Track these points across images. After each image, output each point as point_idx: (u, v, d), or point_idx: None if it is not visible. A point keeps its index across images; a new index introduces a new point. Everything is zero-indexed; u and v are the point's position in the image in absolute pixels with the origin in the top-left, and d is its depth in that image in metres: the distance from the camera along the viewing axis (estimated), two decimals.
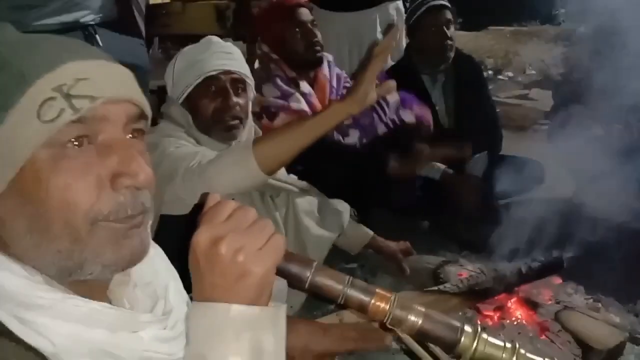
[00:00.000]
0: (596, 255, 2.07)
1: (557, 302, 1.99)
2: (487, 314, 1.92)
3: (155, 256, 0.85)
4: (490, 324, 1.87)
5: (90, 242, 0.71)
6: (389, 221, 2.59)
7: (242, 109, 1.87)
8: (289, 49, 2.52)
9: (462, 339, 0.75)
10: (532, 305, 1.96)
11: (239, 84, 1.87)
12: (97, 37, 2.07)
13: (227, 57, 1.86)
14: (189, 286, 0.84)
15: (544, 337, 1.83)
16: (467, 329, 0.76)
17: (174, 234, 1.06)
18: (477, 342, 0.75)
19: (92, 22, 2.08)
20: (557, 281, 2.12)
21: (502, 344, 0.76)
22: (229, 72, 1.85)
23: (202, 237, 0.70)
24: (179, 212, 1.54)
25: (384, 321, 0.76)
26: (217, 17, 4.24)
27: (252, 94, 1.97)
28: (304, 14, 2.56)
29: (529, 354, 0.76)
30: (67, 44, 0.75)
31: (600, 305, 2.01)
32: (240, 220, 0.71)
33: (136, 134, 0.76)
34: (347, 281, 0.75)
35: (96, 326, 0.70)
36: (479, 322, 1.86)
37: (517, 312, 1.93)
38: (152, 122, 2.06)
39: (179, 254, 0.87)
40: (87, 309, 0.70)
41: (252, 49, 3.92)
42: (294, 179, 2.08)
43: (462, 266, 2.18)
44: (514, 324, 1.87)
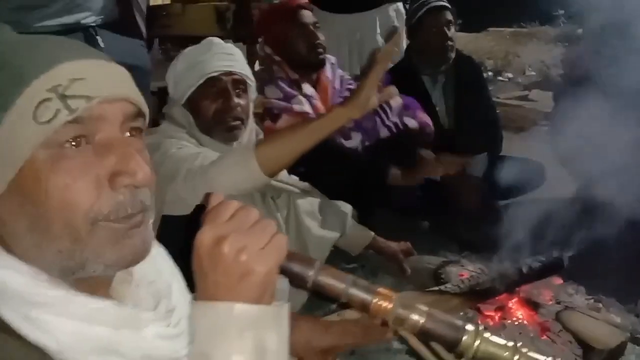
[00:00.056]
0: (597, 255, 2.07)
1: (558, 303, 1.99)
2: (488, 314, 1.91)
3: (158, 255, 0.85)
4: (491, 324, 1.87)
5: (90, 243, 0.71)
6: (389, 222, 2.58)
7: (244, 109, 1.88)
8: (291, 50, 2.52)
9: (464, 338, 0.75)
10: (533, 305, 1.95)
11: (240, 85, 1.88)
12: (98, 38, 2.08)
13: (229, 58, 1.87)
14: (191, 286, 0.84)
15: (545, 337, 1.82)
16: (469, 327, 0.76)
17: (176, 234, 1.06)
18: (479, 341, 0.75)
19: (93, 24, 2.08)
20: (557, 281, 2.12)
21: (504, 342, 0.76)
22: (231, 73, 1.86)
23: (205, 236, 0.70)
24: (181, 212, 1.55)
25: (387, 320, 0.76)
26: (217, 19, 4.24)
27: (253, 94, 1.97)
28: (307, 15, 2.56)
29: (530, 353, 0.76)
30: (62, 44, 0.75)
31: (601, 305, 2.01)
32: (243, 219, 0.71)
33: (134, 132, 0.76)
34: (350, 280, 0.76)
35: (100, 324, 0.70)
36: (480, 322, 1.85)
37: (518, 312, 1.92)
38: (154, 123, 2.07)
39: (180, 253, 0.88)
40: (90, 307, 0.70)
41: (252, 50, 3.92)
42: (295, 180, 2.09)
43: (463, 266, 2.17)
44: (515, 324, 1.87)
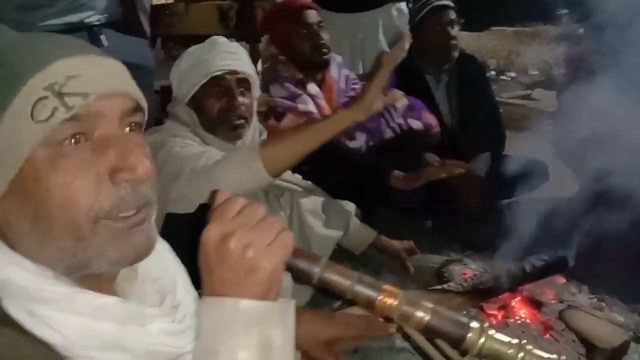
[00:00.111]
0: (600, 254, 2.06)
1: (561, 302, 1.99)
2: (491, 312, 1.91)
3: (162, 251, 0.86)
4: (494, 322, 1.86)
5: (93, 241, 0.71)
6: (392, 221, 2.58)
7: (247, 108, 1.88)
8: (295, 50, 2.52)
9: (469, 335, 0.75)
10: (536, 304, 1.95)
11: (244, 83, 1.88)
12: (102, 37, 2.09)
13: (233, 57, 1.87)
14: (195, 283, 0.84)
15: (547, 336, 1.82)
16: (474, 324, 0.76)
17: (180, 232, 1.06)
18: (484, 338, 0.75)
19: (97, 23, 2.09)
20: (561, 280, 2.12)
21: (508, 339, 0.76)
22: (235, 72, 1.86)
23: (211, 232, 0.70)
24: (184, 210, 1.56)
25: (392, 317, 0.76)
26: (220, 18, 4.24)
27: (256, 93, 1.98)
28: (311, 15, 2.55)
29: (535, 350, 0.76)
30: (58, 41, 0.75)
31: (604, 304, 2.01)
32: (249, 216, 0.71)
33: (133, 127, 0.76)
34: (355, 277, 0.76)
35: (105, 319, 0.70)
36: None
37: (521, 311, 1.92)
38: (157, 122, 2.07)
39: (184, 251, 0.88)
40: (96, 303, 0.70)
41: (255, 50, 3.93)
42: (298, 179, 2.09)
43: (466, 265, 2.17)
44: (518, 323, 1.87)
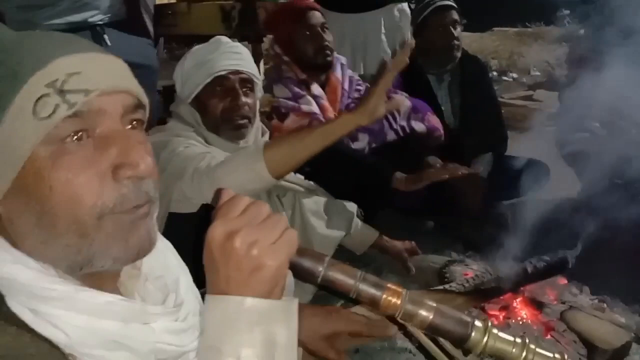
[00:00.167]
0: (601, 255, 2.07)
1: (563, 302, 1.99)
2: (492, 313, 1.92)
3: (165, 250, 0.86)
4: (495, 323, 1.87)
5: (97, 237, 0.71)
6: (394, 221, 2.58)
7: (251, 108, 1.88)
8: (298, 51, 2.51)
9: (473, 334, 0.75)
10: (537, 305, 1.95)
11: (247, 83, 1.89)
12: (105, 37, 2.09)
13: (237, 57, 1.87)
14: (198, 282, 0.85)
15: (549, 336, 1.83)
16: (478, 323, 0.77)
17: (182, 232, 1.07)
18: (488, 337, 0.75)
19: (101, 22, 2.10)
20: (562, 281, 2.12)
21: (512, 339, 0.77)
22: (238, 72, 1.86)
23: (217, 231, 0.70)
24: (186, 210, 1.57)
25: (395, 316, 0.76)
26: (223, 18, 4.23)
27: (259, 93, 1.98)
28: (314, 17, 2.54)
29: (538, 349, 0.76)
30: (57, 39, 0.75)
31: (605, 305, 2.01)
32: (254, 214, 0.71)
33: (135, 124, 0.76)
34: (359, 276, 0.76)
35: (108, 318, 0.70)
36: None
37: (523, 311, 1.93)
38: (160, 122, 2.07)
39: (187, 250, 0.88)
40: (99, 301, 0.70)
41: (258, 49, 3.93)
42: (300, 179, 2.09)
43: (467, 266, 2.17)
44: (520, 323, 1.87)
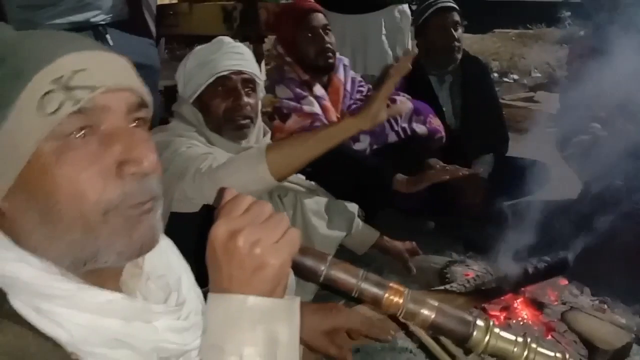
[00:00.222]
0: (602, 256, 2.07)
1: (563, 303, 1.99)
2: (493, 313, 1.91)
3: (167, 249, 0.86)
4: (496, 323, 1.87)
5: (102, 233, 0.71)
6: (395, 221, 2.59)
7: (253, 108, 1.89)
8: (300, 53, 2.52)
9: (475, 333, 0.76)
10: (538, 305, 1.95)
11: (249, 84, 1.89)
12: (108, 37, 2.09)
13: (239, 57, 1.88)
14: (200, 281, 0.85)
15: (549, 337, 1.82)
16: (480, 323, 0.77)
17: (183, 231, 1.07)
18: (490, 336, 0.76)
19: (103, 22, 2.10)
20: (563, 282, 2.12)
21: (513, 338, 0.77)
22: (240, 72, 1.87)
23: (220, 230, 0.71)
24: (188, 210, 1.57)
25: (397, 315, 0.76)
26: (224, 18, 4.23)
27: (261, 93, 1.99)
28: (317, 19, 2.54)
29: (540, 348, 0.76)
30: (61, 38, 0.75)
31: (606, 306, 2.01)
32: (257, 214, 0.72)
33: (139, 122, 0.76)
34: (362, 275, 0.76)
35: (111, 316, 0.70)
36: None
37: (523, 312, 1.92)
38: (161, 122, 2.07)
39: (188, 250, 0.89)
40: (101, 300, 0.70)
41: (259, 50, 3.93)
42: (301, 179, 2.10)
43: (468, 266, 2.17)
44: (520, 324, 1.87)
